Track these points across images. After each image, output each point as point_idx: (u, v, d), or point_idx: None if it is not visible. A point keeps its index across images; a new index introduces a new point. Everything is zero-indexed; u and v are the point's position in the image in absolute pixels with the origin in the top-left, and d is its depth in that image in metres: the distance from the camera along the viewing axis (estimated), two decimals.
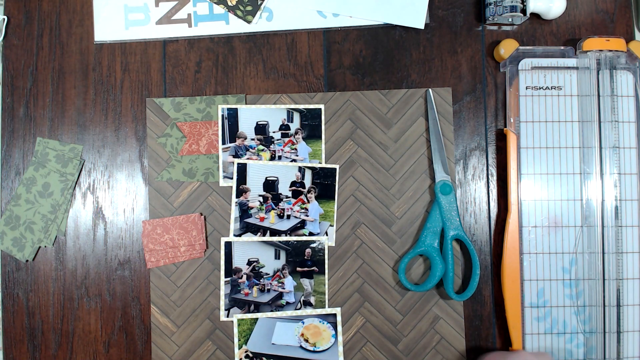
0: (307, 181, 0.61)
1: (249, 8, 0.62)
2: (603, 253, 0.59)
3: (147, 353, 0.61)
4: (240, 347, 0.60)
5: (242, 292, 0.60)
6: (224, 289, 0.60)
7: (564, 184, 0.60)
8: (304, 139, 0.62)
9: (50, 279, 0.61)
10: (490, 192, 0.62)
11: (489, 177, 0.62)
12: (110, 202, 0.62)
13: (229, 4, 0.63)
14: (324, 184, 0.61)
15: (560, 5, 0.61)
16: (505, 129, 0.61)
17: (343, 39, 0.63)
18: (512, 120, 0.61)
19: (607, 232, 0.59)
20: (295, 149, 0.62)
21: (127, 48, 0.63)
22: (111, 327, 0.61)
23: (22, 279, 0.61)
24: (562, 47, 0.62)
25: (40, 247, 0.61)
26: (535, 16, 0.63)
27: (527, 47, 0.61)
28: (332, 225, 0.61)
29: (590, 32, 0.64)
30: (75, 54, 0.63)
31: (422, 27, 0.62)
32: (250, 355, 0.59)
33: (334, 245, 0.61)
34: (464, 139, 0.63)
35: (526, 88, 0.61)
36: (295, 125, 0.62)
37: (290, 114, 0.62)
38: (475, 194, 0.62)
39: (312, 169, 0.61)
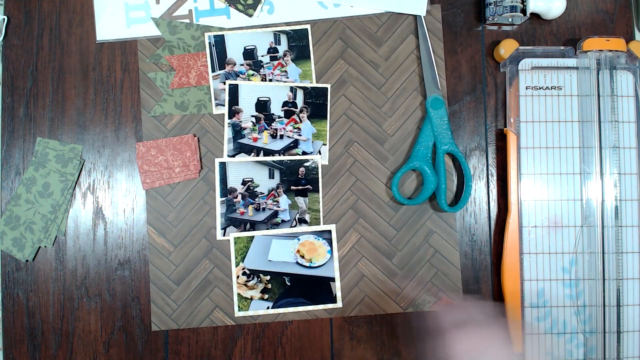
0: (299, 101, 0.62)
1: (249, 2, 0.62)
2: (603, 253, 0.59)
3: (147, 353, 0.61)
4: (237, 264, 0.60)
5: (237, 211, 0.61)
6: (219, 209, 0.61)
7: (564, 184, 0.60)
8: (293, 60, 0.62)
9: (50, 279, 0.61)
10: (490, 192, 0.62)
11: (489, 177, 0.62)
12: (110, 202, 0.62)
13: None
14: (315, 104, 0.62)
15: (560, 6, 0.61)
16: (505, 129, 0.61)
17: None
18: (512, 120, 0.61)
19: (607, 232, 0.59)
20: (285, 71, 0.62)
21: (127, 48, 0.63)
22: (111, 327, 0.61)
23: (22, 279, 0.61)
24: (562, 47, 0.62)
25: (40, 247, 0.61)
26: (535, 16, 0.63)
27: (527, 47, 0.61)
28: (325, 144, 0.62)
29: (590, 32, 0.64)
30: (75, 54, 0.63)
31: (423, 14, 0.62)
32: (248, 272, 0.60)
33: (327, 163, 0.62)
34: (464, 139, 0.63)
35: (526, 88, 0.61)
36: (283, 47, 0.62)
37: (277, 36, 0.62)
38: (475, 194, 0.62)
39: (304, 88, 0.62)
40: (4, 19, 0.63)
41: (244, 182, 0.61)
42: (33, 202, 0.61)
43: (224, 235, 0.61)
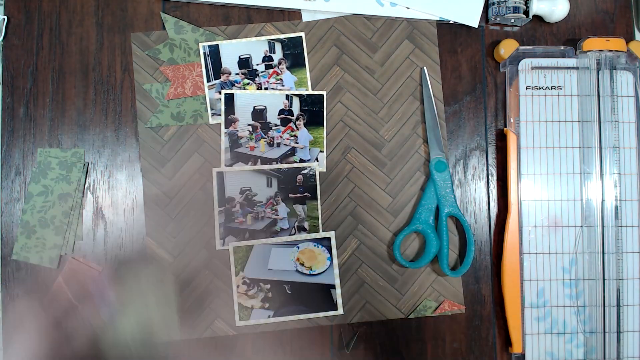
0: (295, 109, 0.62)
1: None
2: (603, 253, 0.59)
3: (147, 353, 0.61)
4: (237, 274, 0.60)
5: (236, 220, 0.61)
6: (218, 218, 0.61)
7: (564, 184, 0.60)
8: (288, 68, 0.62)
9: (50, 279, 0.61)
10: (490, 192, 0.62)
11: (489, 177, 0.62)
12: (110, 202, 0.62)
13: None
14: (312, 111, 0.62)
15: (563, 9, 0.61)
16: (505, 129, 0.61)
17: None
18: (512, 120, 0.61)
19: (607, 232, 0.59)
20: (281, 80, 0.62)
21: (127, 48, 0.63)
22: None
23: (22, 279, 0.61)
24: (562, 47, 0.62)
25: (61, 254, 0.61)
26: (536, 17, 0.63)
27: (527, 47, 0.61)
28: (322, 151, 0.62)
29: (590, 32, 0.64)
30: (75, 54, 0.63)
31: (475, 25, 0.62)
32: (248, 281, 0.60)
33: (324, 170, 0.62)
34: (464, 139, 0.63)
35: (526, 88, 0.61)
36: (277, 55, 0.62)
37: (271, 44, 0.62)
38: (475, 194, 0.62)
39: (300, 96, 0.62)
40: (4, 19, 0.63)
41: (242, 191, 0.61)
42: (45, 211, 0.61)
43: (223, 245, 0.61)
